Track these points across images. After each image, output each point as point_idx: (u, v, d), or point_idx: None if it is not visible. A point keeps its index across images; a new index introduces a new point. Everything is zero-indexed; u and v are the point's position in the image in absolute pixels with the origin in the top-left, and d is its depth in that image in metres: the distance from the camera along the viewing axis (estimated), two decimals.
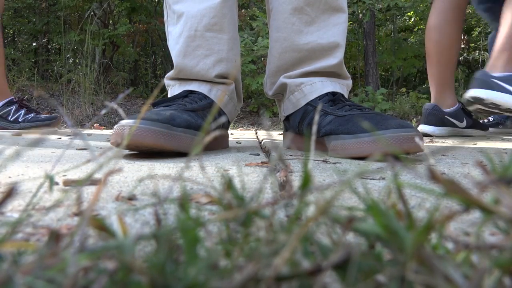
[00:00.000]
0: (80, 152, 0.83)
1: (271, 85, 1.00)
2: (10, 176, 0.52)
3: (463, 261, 0.18)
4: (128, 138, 0.66)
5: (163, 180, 0.49)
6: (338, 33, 0.94)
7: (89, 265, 0.16)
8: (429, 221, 0.17)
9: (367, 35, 5.54)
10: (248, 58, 4.02)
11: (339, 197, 0.39)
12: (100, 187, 0.22)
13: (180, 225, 0.18)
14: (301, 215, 0.19)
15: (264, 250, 0.17)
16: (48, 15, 5.20)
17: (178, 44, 0.92)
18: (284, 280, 0.16)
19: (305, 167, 0.19)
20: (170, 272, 0.16)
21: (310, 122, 0.90)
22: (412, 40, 6.96)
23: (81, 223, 0.18)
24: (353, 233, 0.27)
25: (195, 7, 0.91)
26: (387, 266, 0.16)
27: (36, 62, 5.19)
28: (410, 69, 6.60)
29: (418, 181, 0.50)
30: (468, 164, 0.68)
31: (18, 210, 0.34)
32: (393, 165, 0.19)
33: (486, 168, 0.19)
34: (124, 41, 5.23)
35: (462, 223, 0.32)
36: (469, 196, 0.17)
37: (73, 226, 0.30)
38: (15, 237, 0.27)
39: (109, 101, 3.94)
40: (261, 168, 0.61)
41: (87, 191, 0.42)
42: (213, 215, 0.33)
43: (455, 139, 1.47)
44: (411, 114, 4.75)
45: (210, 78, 0.91)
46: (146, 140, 0.68)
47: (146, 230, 0.30)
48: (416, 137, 0.70)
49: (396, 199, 0.20)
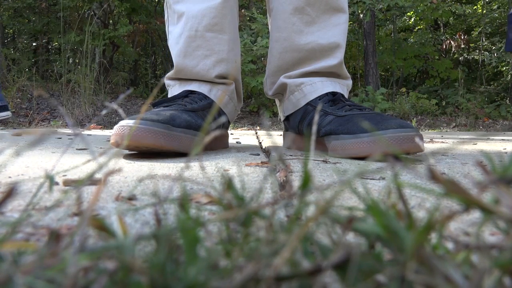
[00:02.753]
0: (80, 152, 0.83)
1: (271, 85, 1.00)
2: (10, 176, 0.52)
3: (463, 261, 0.18)
4: (128, 139, 0.66)
5: (163, 180, 0.49)
6: (338, 33, 0.94)
7: (89, 265, 0.16)
8: (429, 221, 0.17)
9: (367, 35, 5.54)
10: (247, 58, 4.03)
11: (339, 197, 0.39)
12: (100, 187, 0.22)
13: (180, 225, 0.18)
14: (301, 215, 0.19)
15: (264, 250, 0.17)
16: (48, 15, 5.20)
17: (178, 44, 0.92)
18: (284, 280, 0.16)
19: (305, 167, 0.19)
20: (170, 272, 0.16)
21: (310, 122, 0.90)
22: (412, 40, 6.97)
23: (81, 223, 0.18)
24: (353, 233, 0.27)
25: (195, 7, 0.91)
26: (387, 266, 0.16)
27: (36, 62, 5.19)
28: (410, 69, 6.61)
29: (418, 181, 0.50)
30: (468, 164, 0.68)
31: (18, 210, 0.34)
32: (393, 165, 0.19)
33: (486, 168, 0.19)
34: (124, 41, 5.23)
35: (462, 223, 0.32)
36: (469, 196, 0.17)
37: (73, 226, 0.30)
38: (15, 237, 0.27)
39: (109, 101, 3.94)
40: (261, 168, 0.61)
41: (87, 191, 0.42)
42: (213, 215, 0.33)
43: (455, 139, 1.47)
44: (411, 114, 4.75)
45: (210, 79, 0.91)
46: (146, 140, 0.68)
47: (146, 230, 0.30)
48: (416, 137, 0.70)
49: (396, 199, 0.20)
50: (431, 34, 7.04)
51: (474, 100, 5.31)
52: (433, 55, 6.48)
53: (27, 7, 5.11)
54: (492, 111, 5.17)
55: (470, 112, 4.92)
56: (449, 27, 7.43)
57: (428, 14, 5.80)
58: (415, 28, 7.31)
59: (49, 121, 3.44)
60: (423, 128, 3.72)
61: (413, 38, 7.05)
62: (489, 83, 6.64)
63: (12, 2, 4.84)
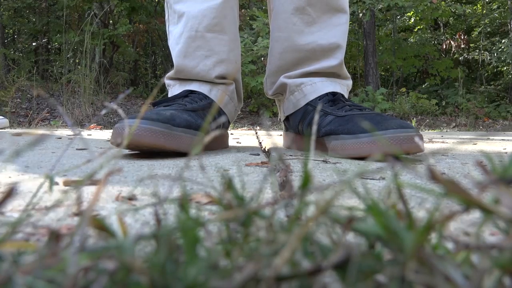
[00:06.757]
0: (80, 152, 0.83)
1: (271, 85, 1.00)
2: (10, 176, 0.52)
3: (463, 261, 0.18)
4: (128, 138, 0.66)
5: (163, 180, 0.49)
6: (339, 34, 0.94)
7: (89, 265, 0.16)
8: (429, 221, 0.17)
9: (367, 35, 5.54)
10: (248, 58, 4.02)
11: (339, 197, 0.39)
12: (100, 187, 0.22)
13: (180, 225, 0.18)
14: (301, 215, 0.19)
15: (264, 250, 0.17)
16: (48, 15, 5.19)
17: (178, 44, 0.92)
18: (284, 280, 0.16)
19: (305, 167, 0.19)
20: (170, 272, 0.16)
21: (310, 122, 0.90)
22: (412, 40, 6.97)
23: (81, 223, 0.18)
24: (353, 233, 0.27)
25: (196, 7, 0.91)
26: (387, 266, 0.16)
27: (36, 62, 5.19)
28: (410, 69, 6.61)
29: (418, 181, 0.50)
30: (468, 164, 0.68)
31: (18, 210, 0.34)
32: (393, 165, 0.19)
33: (486, 168, 0.19)
34: (124, 41, 5.23)
35: (462, 223, 0.32)
36: (469, 196, 0.17)
37: (73, 226, 0.30)
38: (15, 237, 0.27)
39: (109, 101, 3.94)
40: (261, 168, 0.61)
41: (87, 191, 0.42)
42: (213, 215, 0.33)
43: (455, 139, 1.47)
44: (411, 114, 4.75)
45: (210, 79, 0.91)
46: (146, 140, 0.68)
47: (146, 230, 0.30)
48: (416, 137, 0.70)
49: (396, 199, 0.20)
50: (431, 34, 7.05)
51: (474, 100, 5.32)
52: (433, 55, 6.48)
53: (27, 7, 5.11)
54: (492, 111, 5.17)
55: (470, 112, 4.92)
56: (449, 27, 7.43)
57: (428, 14, 5.80)
58: (415, 28, 7.31)
59: (49, 121, 3.44)
60: (423, 128, 3.72)
61: (413, 38, 7.05)
62: (489, 83, 6.64)
63: (12, 2, 4.84)
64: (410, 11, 5.77)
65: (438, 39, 7.04)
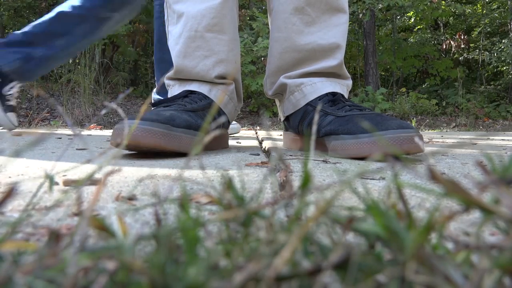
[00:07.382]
0: (80, 152, 0.83)
1: (271, 85, 1.00)
2: (10, 176, 0.52)
3: (463, 261, 0.18)
4: (128, 138, 0.66)
5: (163, 180, 0.49)
6: (338, 34, 0.94)
7: (89, 265, 0.16)
8: (429, 221, 0.17)
9: (367, 35, 5.54)
10: (248, 59, 4.02)
11: (339, 197, 0.39)
12: (100, 187, 0.22)
13: (180, 225, 0.18)
14: (301, 215, 0.19)
15: (264, 250, 0.17)
16: None
17: (178, 45, 0.92)
18: (284, 280, 0.16)
19: (305, 167, 0.19)
20: (170, 272, 0.16)
21: (310, 122, 0.90)
22: (412, 40, 6.97)
23: (81, 223, 0.18)
24: (353, 233, 0.27)
25: (195, 7, 0.91)
26: (387, 266, 0.16)
27: None
28: (410, 69, 6.61)
29: (418, 181, 0.50)
30: (468, 164, 0.68)
31: (18, 210, 0.34)
32: (393, 165, 0.19)
33: (486, 168, 0.19)
34: (124, 41, 5.23)
35: (462, 223, 0.32)
36: (469, 196, 0.17)
37: (73, 226, 0.30)
38: (15, 237, 0.27)
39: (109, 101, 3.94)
40: (261, 168, 0.61)
41: (87, 191, 0.42)
42: (213, 215, 0.33)
43: (455, 139, 1.47)
44: (411, 114, 4.75)
45: (210, 79, 0.91)
46: (146, 140, 0.68)
47: (146, 230, 0.30)
48: (416, 137, 0.70)
49: (396, 199, 0.20)
50: (431, 34, 7.05)
51: (474, 100, 5.32)
52: (433, 55, 6.49)
53: (27, 7, 5.11)
54: (492, 111, 5.17)
55: (470, 112, 4.93)
56: (449, 27, 7.43)
57: (428, 14, 5.80)
58: (415, 28, 7.31)
59: (49, 121, 3.44)
60: (423, 128, 3.72)
61: (413, 38, 7.05)
62: (489, 83, 6.64)
63: (12, 2, 4.84)
64: (410, 11, 5.78)
65: (438, 39, 7.04)
